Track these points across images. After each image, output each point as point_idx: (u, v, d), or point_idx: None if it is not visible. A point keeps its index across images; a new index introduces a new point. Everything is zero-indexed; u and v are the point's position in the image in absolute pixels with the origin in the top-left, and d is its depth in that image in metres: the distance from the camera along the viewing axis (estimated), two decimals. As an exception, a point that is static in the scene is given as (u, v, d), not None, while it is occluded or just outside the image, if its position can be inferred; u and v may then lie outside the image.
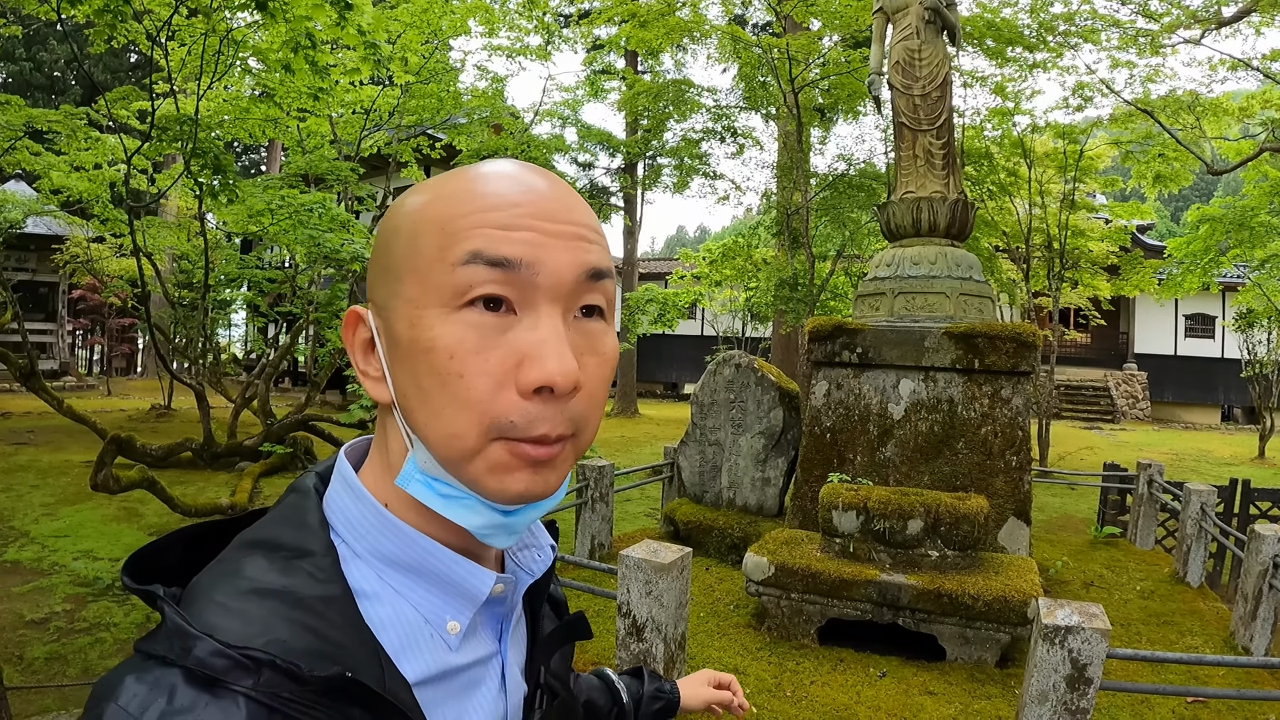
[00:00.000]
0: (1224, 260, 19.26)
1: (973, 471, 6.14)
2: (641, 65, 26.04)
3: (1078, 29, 14.42)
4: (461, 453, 0.75)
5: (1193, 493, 6.92)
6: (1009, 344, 6.10)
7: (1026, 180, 17.53)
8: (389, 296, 0.79)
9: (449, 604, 0.82)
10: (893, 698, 4.36)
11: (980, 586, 4.74)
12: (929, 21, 6.99)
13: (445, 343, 0.74)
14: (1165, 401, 31.41)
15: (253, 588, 0.73)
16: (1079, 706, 3.27)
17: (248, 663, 0.66)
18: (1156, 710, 4.38)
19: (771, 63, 15.41)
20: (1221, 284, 24.18)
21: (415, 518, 0.81)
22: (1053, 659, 3.30)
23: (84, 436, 14.56)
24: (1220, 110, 15.40)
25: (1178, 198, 47.46)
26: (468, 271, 0.74)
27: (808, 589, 5.05)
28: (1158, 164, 16.37)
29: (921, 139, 6.94)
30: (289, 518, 0.82)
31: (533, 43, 15.84)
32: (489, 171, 0.80)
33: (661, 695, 1.49)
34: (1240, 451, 21.26)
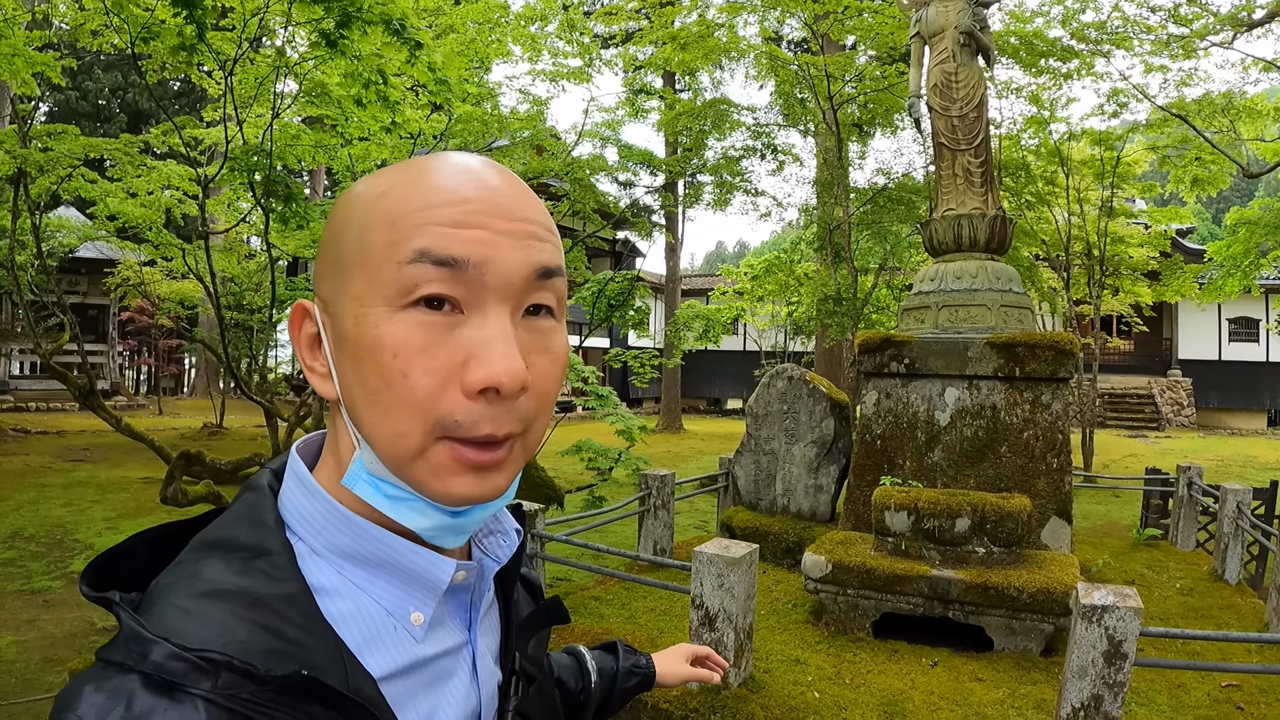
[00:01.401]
0: (1264, 262, 19.12)
1: (1015, 474, 6.43)
2: (679, 83, 26.29)
3: (1110, 36, 14.53)
4: (407, 452, 0.76)
5: (1229, 493, 7.15)
6: (1048, 352, 6.40)
7: (1064, 188, 17.57)
8: (336, 292, 0.80)
9: (410, 595, 0.82)
10: (944, 684, 4.67)
11: (1025, 580, 5.04)
12: (964, 45, 7.29)
13: (390, 341, 0.75)
14: (1210, 408, 31.31)
15: (210, 589, 0.73)
16: (1116, 680, 3.59)
17: (205, 665, 0.67)
18: (1193, 694, 4.64)
19: (809, 80, 15.62)
20: (1264, 286, 24.11)
21: (371, 512, 0.82)
22: (1091, 636, 3.61)
23: (139, 454, 14.85)
24: (1254, 112, 15.51)
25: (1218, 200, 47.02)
26: (415, 270, 0.75)
27: (863, 585, 5.37)
28: (1195, 168, 16.49)
29: (960, 158, 7.25)
30: (244, 516, 0.82)
31: (573, 65, 15.92)
32: (441, 165, 0.81)
33: (638, 670, 1.52)
34: (1288, 456, 21.04)
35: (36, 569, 8.82)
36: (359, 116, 9.41)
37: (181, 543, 0.82)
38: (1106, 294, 20.93)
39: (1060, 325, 22.96)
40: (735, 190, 21.80)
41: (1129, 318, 24.47)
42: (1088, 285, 18.58)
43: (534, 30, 14.05)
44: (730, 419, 32.52)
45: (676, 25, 15.73)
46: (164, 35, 7.84)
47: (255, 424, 22.53)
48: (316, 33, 7.50)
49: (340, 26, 7.09)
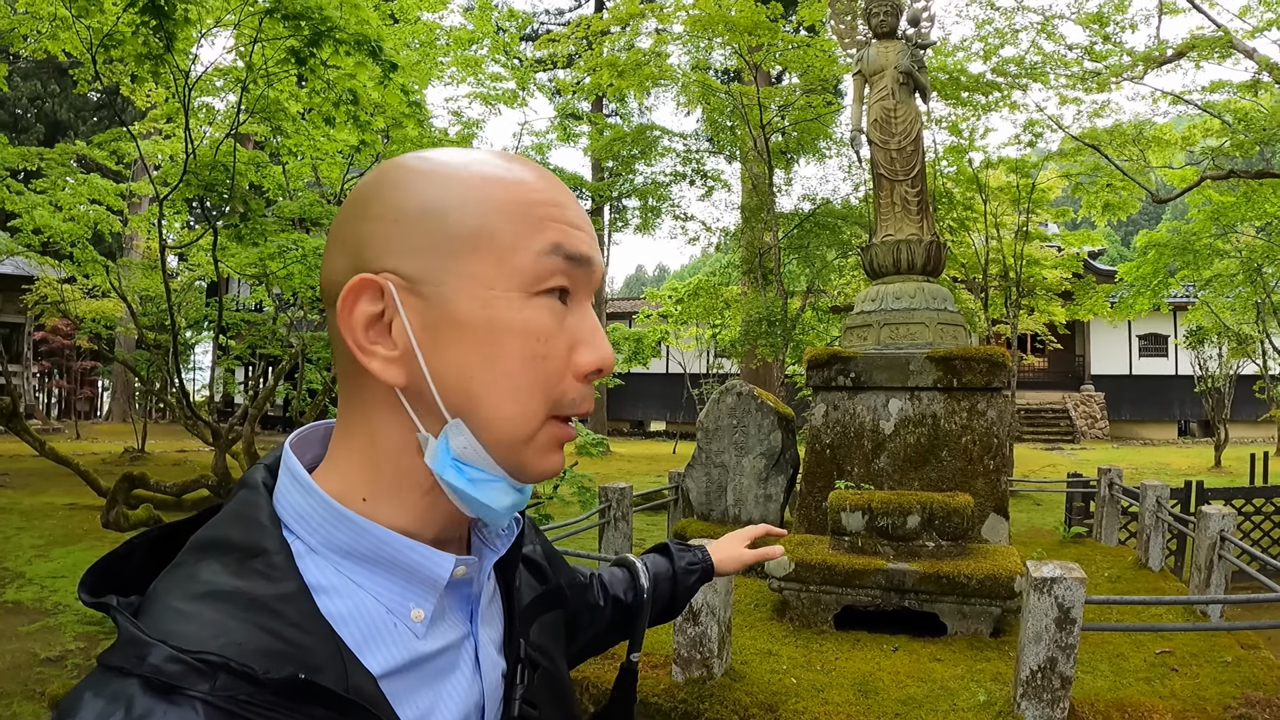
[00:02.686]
0: (1173, 281, 20.14)
1: (956, 476, 6.95)
2: (608, 108, 26.63)
3: (1027, 71, 15.22)
4: (528, 431, 0.80)
5: (1149, 489, 7.73)
6: (983, 364, 6.96)
7: (982, 214, 18.29)
8: (440, 271, 0.79)
9: (410, 592, 0.82)
10: (907, 665, 5.11)
11: (972, 569, 5.51)
12: (902, 84, 7.86)
13: (535, 325, 0.79)
14: (1123, 420, 32.59)
15: (207, 590, 0.73)
16: (1067, 643, 4.07)
17: (203, 667, 0.66)
18: (1131, 661, 5.14)
19: (741, 109, 16.10)
20: (1172, 304, 24.98)
21: (392, 508, 0.82)
22: (1043, 605, 4.09)
23: (61, 479, 14.38)
24: (1162, 141, 16.22)
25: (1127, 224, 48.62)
26: (550, 261, 0.79)
27: (824, 580, 5.79)
28: (1106, 194, 17.30)
29: (899, 188, 7.79)
30: (240, 515, 0.81)
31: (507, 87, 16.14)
32: (527, 164, 0.85)
33: (695, 566, 1.55)
34: (1197, 463, 21.95)
35: (-34, 600, 8.55)
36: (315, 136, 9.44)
37: (180, 543, 0.81)
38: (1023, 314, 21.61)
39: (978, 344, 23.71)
40: (662, 214, 22.09)
41: (1044, 336, 25.47)
42: (1005, 306, 19.33)
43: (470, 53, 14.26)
44: (654, 441, 32.79)
45: (610, 53, 16.04)
46: (128, 43, 7.80)
47: (176, 449, 22.21)
48: (285, 50, 7.60)
49: (310, 44, 7.24)
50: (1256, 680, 4.71)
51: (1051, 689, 4.11)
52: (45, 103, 33.96)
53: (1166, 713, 4.32)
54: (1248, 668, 4.95)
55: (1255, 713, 4.30)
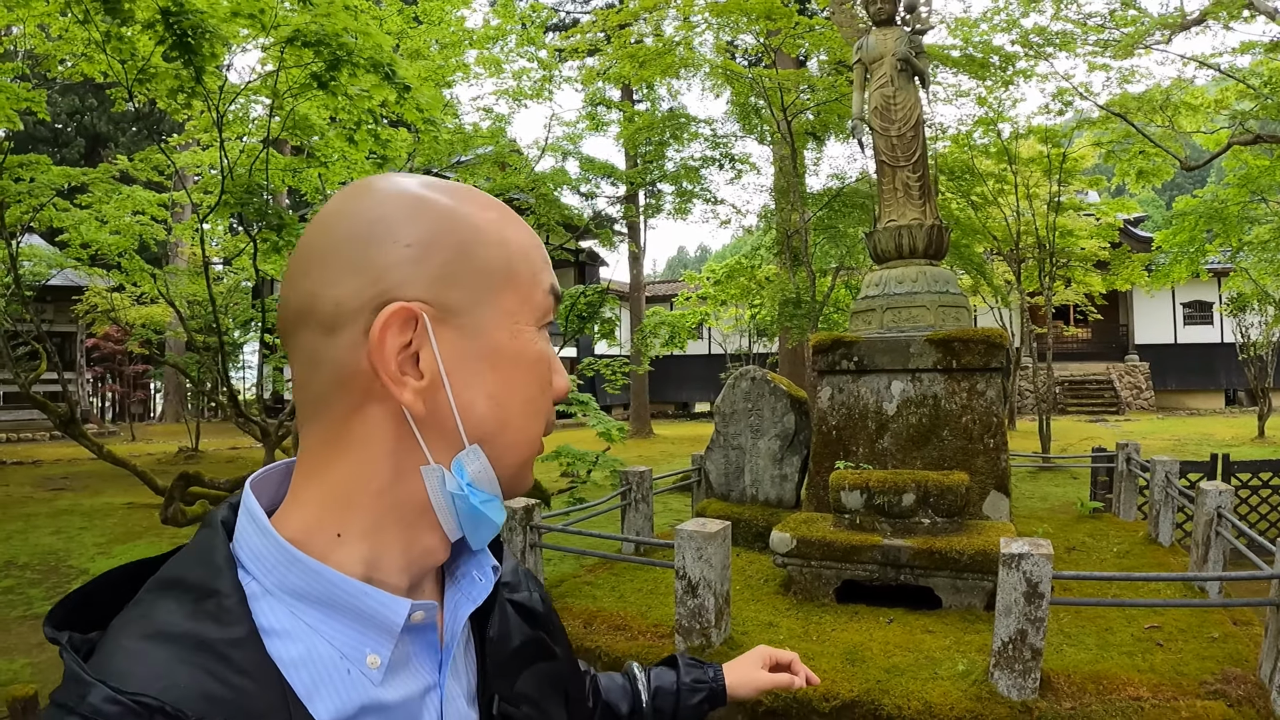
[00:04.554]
0: (1210, 248, 19.89)
1: (957, 454, 7.08)
2: (637, 95, 26.57)
3: (1051, 40, 15.01)
4: (536, 451, 0.88)
5: (1158, 464, 7.82)
6: (981, 345, 7.08)
7: (1014, 185, 18.13)
8: (475, 303, 0.81)
9: (366, 637, 0.80)
10: (899, 636, 5.29)
11: (965, 544, 5.67)
12: (901, 70, 7.94)
13: (548, 355, 0.87)
14: (1168, 390, 32.10)
15: (156, 630, 0.73)
16: (1036, 616, 4.21)
17: (138, 709, 0.66)
18: (1118, 635, 5.25)
19: (764, 93, 16.08)
20: (1213, 270, 24.64)
21: (367, 546, 0.81)
22: (1012, 579, 4.25)
23: (119, 480, 14.81)
24: (1192, 106, 15.90)
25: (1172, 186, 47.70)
26: (549, 299, 0.88)
27: (825, 556, 5.99)
28: (1140, 160, 16.90)
29: (900, 173, 7.90)
30: (197, 555, 0.81)
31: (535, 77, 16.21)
32: (501, 209, 0.88)
33: (702, 684, 1.44)
34: (1241, 433, 21.67)
35: (36, 595, 8.84)
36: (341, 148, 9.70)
37: (146, 579, 0.81)
38: (1059, 284, 21.43)
39: (1016, 318, 23.59)
40: (695, 198, 21.91)
41: (1084, 306, 25.04)
42: (1040, 278, 19.09)
43: (495, 52, 14.31)
44: (698, 422, 32.90)
45: (632, 44, 15.99)
46: (161, 77, 8.15)
47: (229, 446, 22.49)
48: (309, 74, 7.90)
49: (330, 69, 7.55)
50: (1240, 656, 4.82)
51: (1023, 660, 4.26)
52: (84, 116, 34.38)
53: (1141, 685, 4.43)
54: (1234, 644, 5.06)
55: (1230, 689, 4.38)
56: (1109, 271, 22.57)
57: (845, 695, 4.54)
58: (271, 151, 10.68)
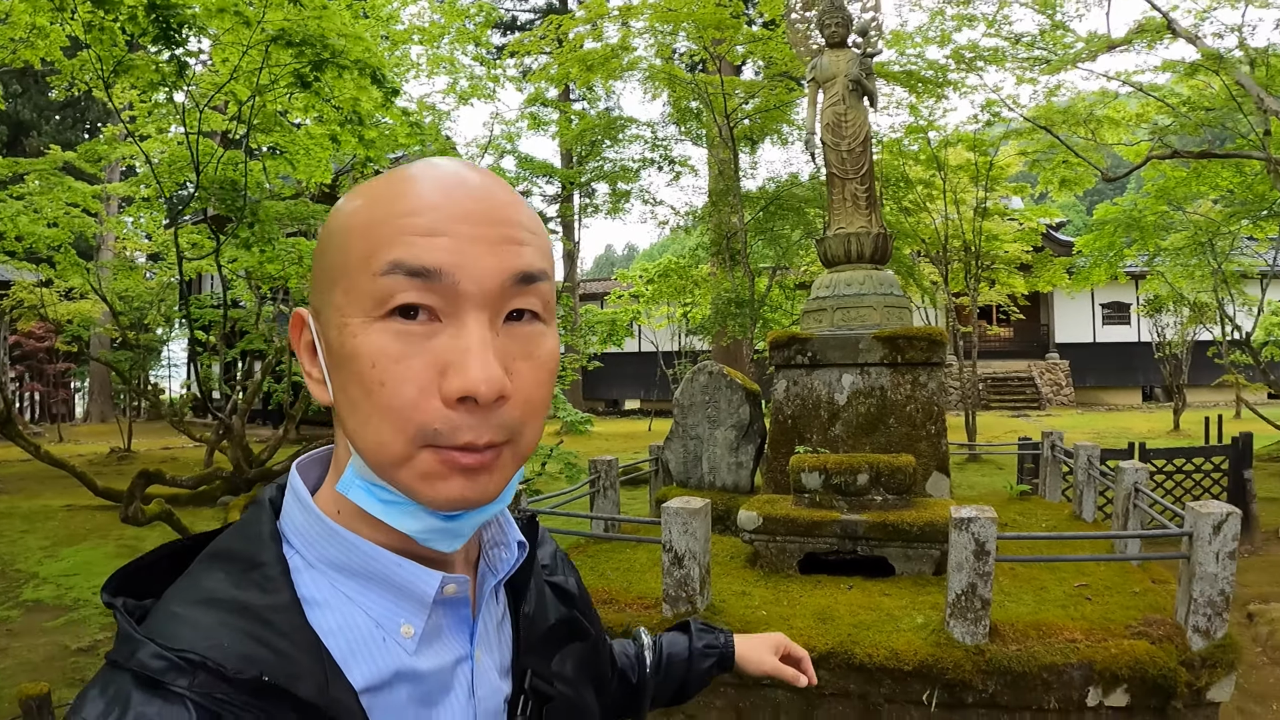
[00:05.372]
0: (1128, 253, 20.68)
1: (902, 440, 7.73)
2: (575, 94, 26.76)
3: (982, 55, 15.70)
4: (390, 459, 0.77)
5: (1081, 449, 8.54)
6: (923, 342, 7.74)
7: (942, 190, 18.86)
8: (322, 303, 0.81)
9: (400, 607, 0.83)
10: (860, 599, 5.86)
11: (914, 518, 6.31)
12: (852, 90, 8.54)
13: (367, 350, 0.76)
14: (1088, 386, 33.35)
15: (204, 597, 0.77)
16: (984, 571, 4.87)
17: (183, 664, 0.70)
18: (1052, 592, 5.91)
19: (706, 98, 16.58)
20: (1131, 273, 25.56)
21: (364, 525, 0.84)
22: (963, 539, 4.90)
23: (54, 481, 14.67)
24: (1114, 121, 16.77)
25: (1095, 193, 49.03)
26: (389, 281, 0.75)
27: (789, 531, 6.58)
28: (1063, 170, 17.62)
29: (849, 185, 8.51)
30: (245, 530, 0.85)
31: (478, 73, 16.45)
32: (414, 173, 0.80)
33: (713, 649, 1.46)
34: (1157, 426, 22.79)
35: (-10, 600, 8.65)
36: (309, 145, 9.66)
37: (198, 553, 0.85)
38: (984, 286, 22.12)
39: (942, 317, 24.49)
40: (631, 198, 22.08)
41: (1007, 307, 26.11)
42: (965, 279, 19.88)
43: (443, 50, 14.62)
44: (630, 419, 33.21)
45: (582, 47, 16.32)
46: (140, 69, 8.11)
47: (161, 446, 22.13)
48: (291, 74, 7.99)
49: (314, 69, 7.71)
50: (1159, 606, 5.47)
51: (974, 609, 4.92)
52: (8, 103, 33.12)
53: (1076, 630, 5.10)
54: (1153, 596, 5.72)
55: (1151, 630, 5.07)
56: (1031, 274, 23.43)
57: (821, 648, 5.16)
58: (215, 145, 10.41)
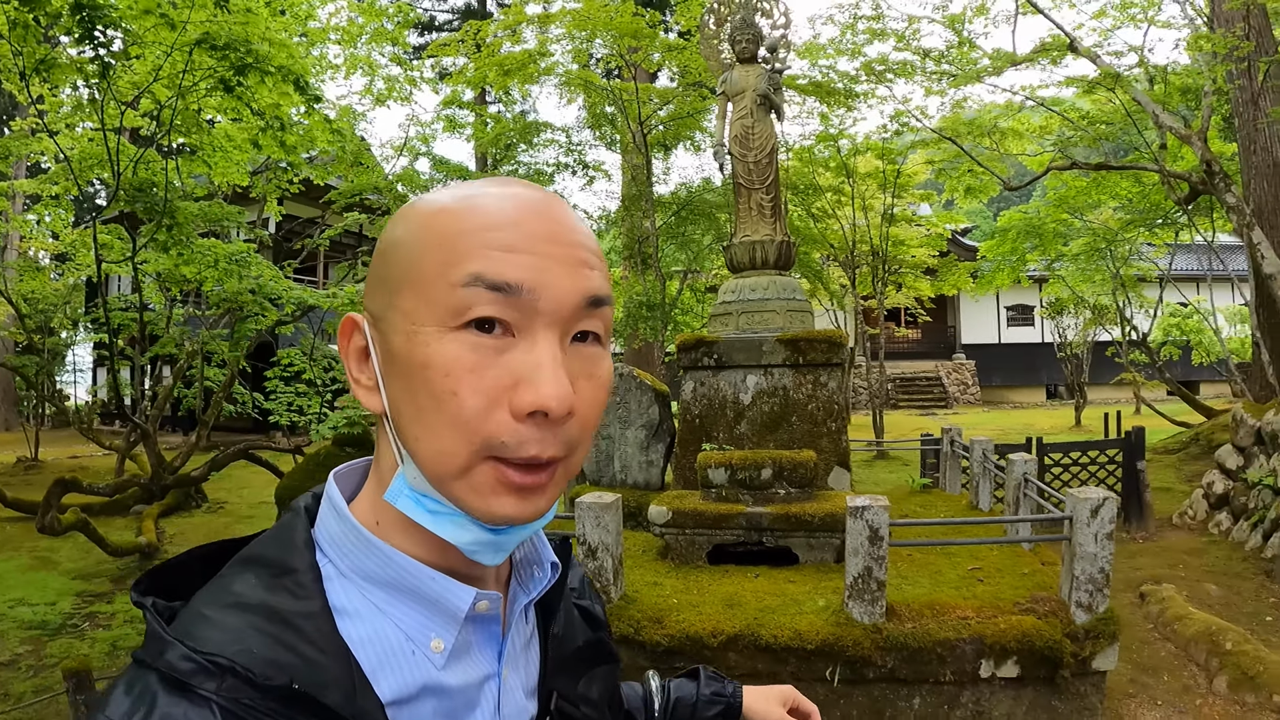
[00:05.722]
0: (1031, 258, 21.61)
1: (804, 436, 8.10)
2: (491, 97, 26.57)
3: (892, 68, 16.30)
4: (450, 470, 0.77)
5: (976, 443, 8.96)
6: (823, 344, 8.12)
7: (851, 197, 19.39)
8: (385, 308, 0.80)
9: (432, 621, 0.83)
10: (766, 586, 6.14)
11: (815, 509, 6.63)
12: (760, 104, 8.81)
13: (441, 360, 0.76)
14: (994, 386, 34.40)
15: (234, 601, 0.77)
16: (878, 555, 5.20)
17: (211, 667, 0.70)
18: (947, 575, 6.29)
19: (621, 104, 16.90)
20: (1034, 278, 26.43)
21: (404, 537, 0.84)
22: (858, 526, 5.23)
23: None
24: (1018, 133, 17.58)
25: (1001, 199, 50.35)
26: (468, 293, 0.75)
27: (698, 525, 6.85)
28: (968, 178, 18.39)
29: (755, 195, 8.82)
30: (279, 536, 0.85)
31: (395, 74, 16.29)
32: (493, 190, 0.81)
33: (721, 698, 1.41)
34: (1060, 423, 23.65)
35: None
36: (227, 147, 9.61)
37: (230, 559, 0.85)
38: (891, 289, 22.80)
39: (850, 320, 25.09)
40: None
41: (914, 309, 26.80)
42: (873, 283, 20.42)
43: (359, 50, 14.45)
44: None
45: (500, 52, 16.43)
46: (63, 69, 8.09)
47: (69, 455, 21.31)
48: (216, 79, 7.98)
49: (238, 74, 7.70)
50: (1046, 585, 5.85)
51: (870, 591, 5.25)
52: None
53: (968, 609, 5.45)
54: (1041, 576, 6.11)
55: (1038, 606, 5.44)
56: (937, 277, 24.16)
57: (729, 631, 5.45)
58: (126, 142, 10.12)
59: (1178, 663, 7.02)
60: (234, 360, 12.87)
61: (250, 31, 7.78)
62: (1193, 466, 14.15)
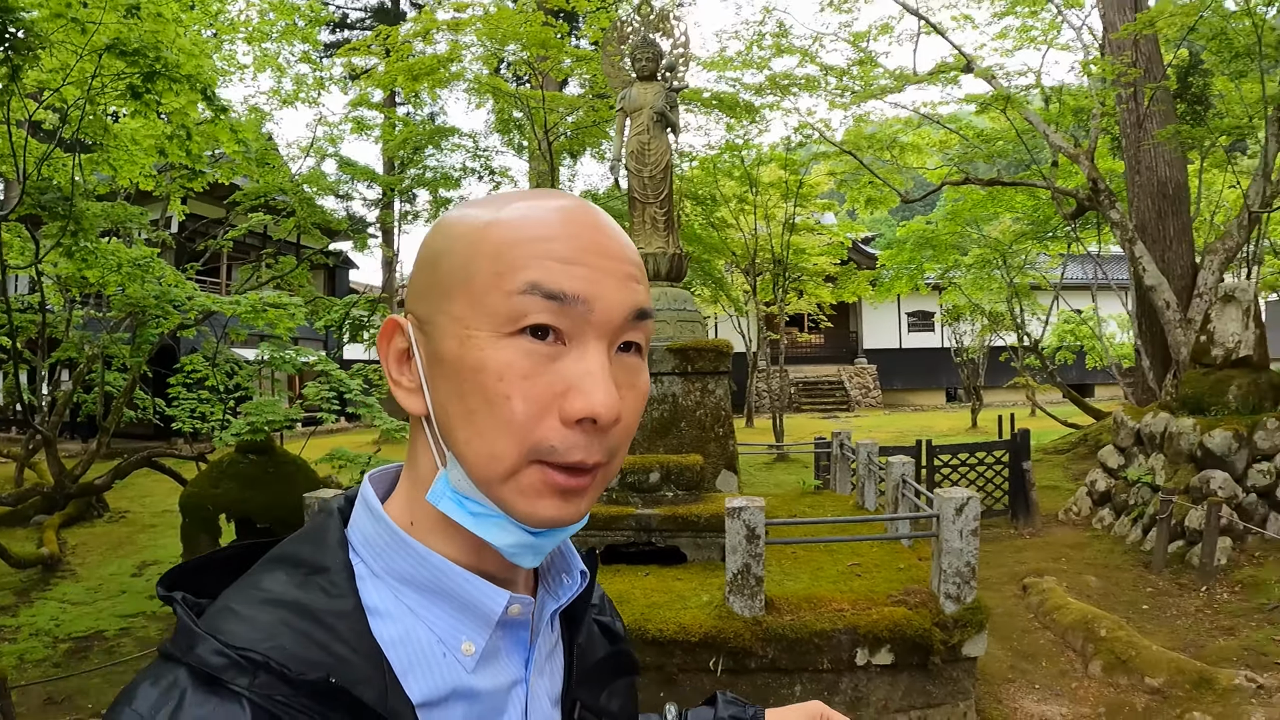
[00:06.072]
0: (928, 266, 22.27)
1: (693, 441, 8.38)
2: (399, 98, 26.05)
3: (798, 81, 16.84)
4: (499, 473, 0.78)
5: (861, 446, 9.33)
6: (711, 353, 8.42)
7: (754, 206, 19.79)
8: (434, 312, 0.81)
9: (464, 624, 0.83)
10: (656, 584, 6.44)
11: (702, 510, 6.97)
12: (657, 121, 9.06)
13: (495, 365, 0.76)
14: (895, 389, 35.18)
15: (267, 598, 0.77)
16: (756, 553, 5.55)
17: (243, 663, 0.71)
18: (827, 571, 6.65)
19: (528, 111, 17.04)
20: (933, 285, 27.04)
21: (438, 539, 0.84)
22: (735, 526, 5.56)
23: None
24: (916, 148, 18.32)
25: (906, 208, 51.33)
26: (524, 300, 0.76)
27: (589, 526, 7.05)
28: (869, 190, 19.03)
29: (649, 209, 9.06)
30: (311, 536, 0.86)
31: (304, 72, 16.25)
32: (547, 202, 0.82)
33: None
34: (958, 425, 24.58)
35: None
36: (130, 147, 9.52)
37: (258, 559, 0.86)
38: (792, 296, 23.49)
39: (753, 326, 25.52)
40: (452, 206, 21.89)
41: (817, 315, 27.74)
42: (774, 290, 20.86)
43: (271, 49, 14.39)
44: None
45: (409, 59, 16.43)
46: None
47: None
48: (125, 85, 7.92)
49: (146, 80, 7.67)
50: (920, 579, 6.24)
51: (750, 586, 5.59)
52: None
53: (844, 601, 5.82)
54: (916, 571, 6.50)
55: (910, 598, 5.84)
56: (838, 285, 24.84)
57: (617, 626, 5.78)
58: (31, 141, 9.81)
59: (1056, 649, 7.45)
60: (136, 365, 12.58)
61: (161, 37, 7.74)
62: (1080, 466, 14.80)
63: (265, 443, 8.85)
